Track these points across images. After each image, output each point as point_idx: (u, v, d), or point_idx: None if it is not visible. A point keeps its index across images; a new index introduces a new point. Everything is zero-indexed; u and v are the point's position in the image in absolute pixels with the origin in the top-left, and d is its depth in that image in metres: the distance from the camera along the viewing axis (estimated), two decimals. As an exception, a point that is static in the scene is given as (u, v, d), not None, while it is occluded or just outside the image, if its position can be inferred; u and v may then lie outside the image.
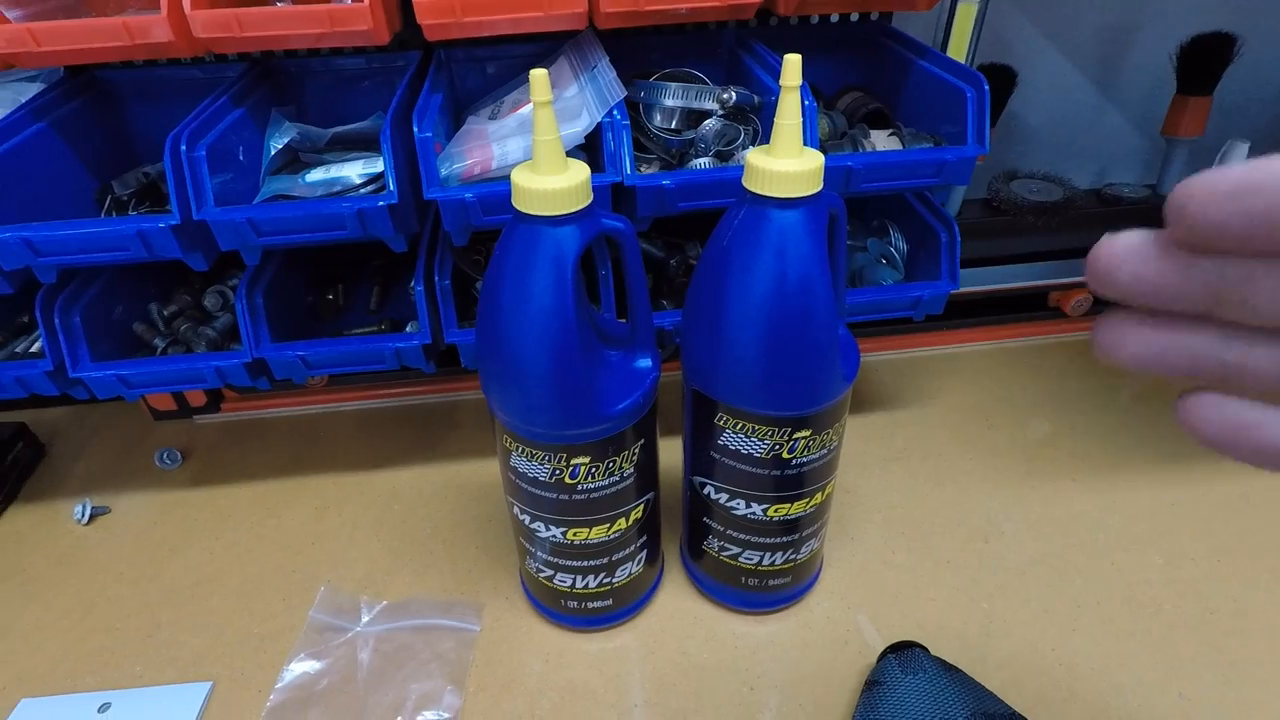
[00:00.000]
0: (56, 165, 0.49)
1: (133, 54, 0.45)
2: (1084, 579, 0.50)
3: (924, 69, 0.52)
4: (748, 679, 0.45)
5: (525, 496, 0.41)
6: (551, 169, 0.33)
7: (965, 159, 0.46)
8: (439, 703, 0.43)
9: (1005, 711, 0.40)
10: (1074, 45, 0.70)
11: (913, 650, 0.43)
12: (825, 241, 0.36)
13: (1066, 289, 0.69)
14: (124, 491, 0.59)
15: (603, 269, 0.48)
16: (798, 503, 0.42)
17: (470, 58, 0.56)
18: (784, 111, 0.34)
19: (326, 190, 0.48)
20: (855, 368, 0.40)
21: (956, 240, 0.52)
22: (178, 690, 0.45)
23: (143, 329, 0.54)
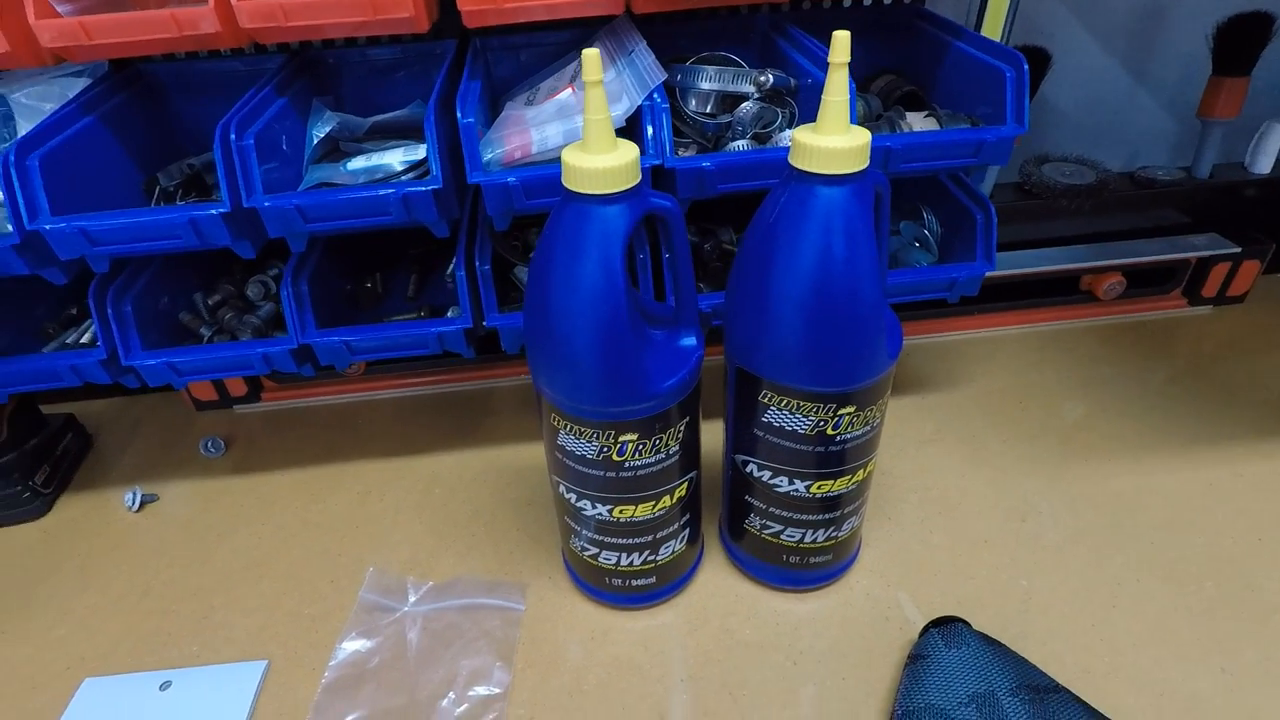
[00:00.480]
0: (105, 157, 0.50)
1: (180, 46, 0.46)
2: (1123, 557, 0.50)
3: (960, 50, 0.52)
4: (791, 654, 0.45)
5: (572, 475, 0.42)
6: (602, 148, 0.34)
7: (1005, 139, 0.46)
8: (489, 678, 0.44)
9: (1049, 683, 0.41)
10: (1106, 27, 0.70)
11: (955, 625, 0.44)
12: (872, 218, 0.36)
13: (1099, 273, 0.69)
14: (171, 479, 0.60)
15: (640, 252, 0.48)
16: (840, 479, 0.43)
17: (504, 45, 0.57)
18: (832, 89, 0.34)
19: (368, 177, 0.49)
20: (899, 345, 0.40)
21: (993, 221, 0.52)
22: (235, 669, 0.46)
23: (189, 318, 0.55)
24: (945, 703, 0.40)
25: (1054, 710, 0.39)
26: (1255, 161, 0.68)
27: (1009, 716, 0.39)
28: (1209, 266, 0.69)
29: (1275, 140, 0.67)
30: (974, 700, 0.40)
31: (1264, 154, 0.68)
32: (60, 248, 0.43)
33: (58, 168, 0.44)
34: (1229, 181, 0.69)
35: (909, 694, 0.41)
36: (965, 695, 0.40)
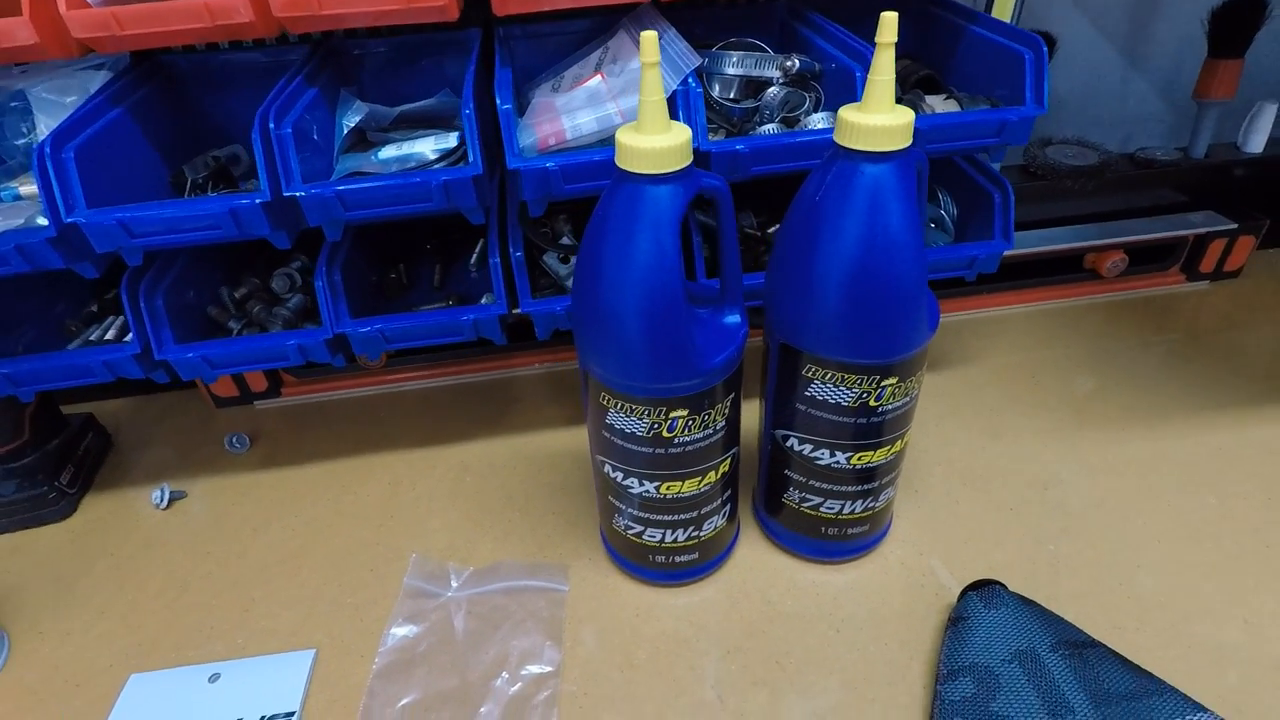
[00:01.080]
0: (133, 150, 0.49)
1: (211, 35, 0.46)
2: (1143, 519, 0.52)
3: (976, 34, 0.53)
4: (833, 623, 0.46)
5: (619, 453, 0.43)
6: (657, 129, 0.35)
7: (1026, 119, 0.48)
8: (540, 657, 0.45)
9: (1086, 639, 0.42)
10: (1102, 12, 0.72)
11: (993, 587, 0.45)
12: (915, 194, 0.37)
13: (1102, 251, 0.71)
14: (198, 476, 0.60)
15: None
16: (880, 450, 0.44)
17: (527, 34, 0.57)
18: (878, 68, 0.35)
19: (401, 166, 0.49)
20: (938, 317, 0.41)
21: (1010, 200, 0.54)
22: (284, 658, 0.46)
23: (216, 312, 0.55)
24: (990, 660, 0.41)
25: (1094, 664, 0.41)
26: (1248, 141, 0.71)
27: (1052, 671, 0.41)
28: (1206, 243, 0.71)
29: (1267, 120, 0.69)
30: (1017, 657, 0.41)
31: (1257, 133, 0.70)
32: (98, 240, 0.43)
33: (91, 160, 0.44)
34: (1224, 161, 0.71)
35: (953, 654, 0.42)
36: (1008, 653, 0.42)
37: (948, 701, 0.40)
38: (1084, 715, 0.39)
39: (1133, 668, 0.41)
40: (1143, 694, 0.40)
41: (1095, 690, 0.40)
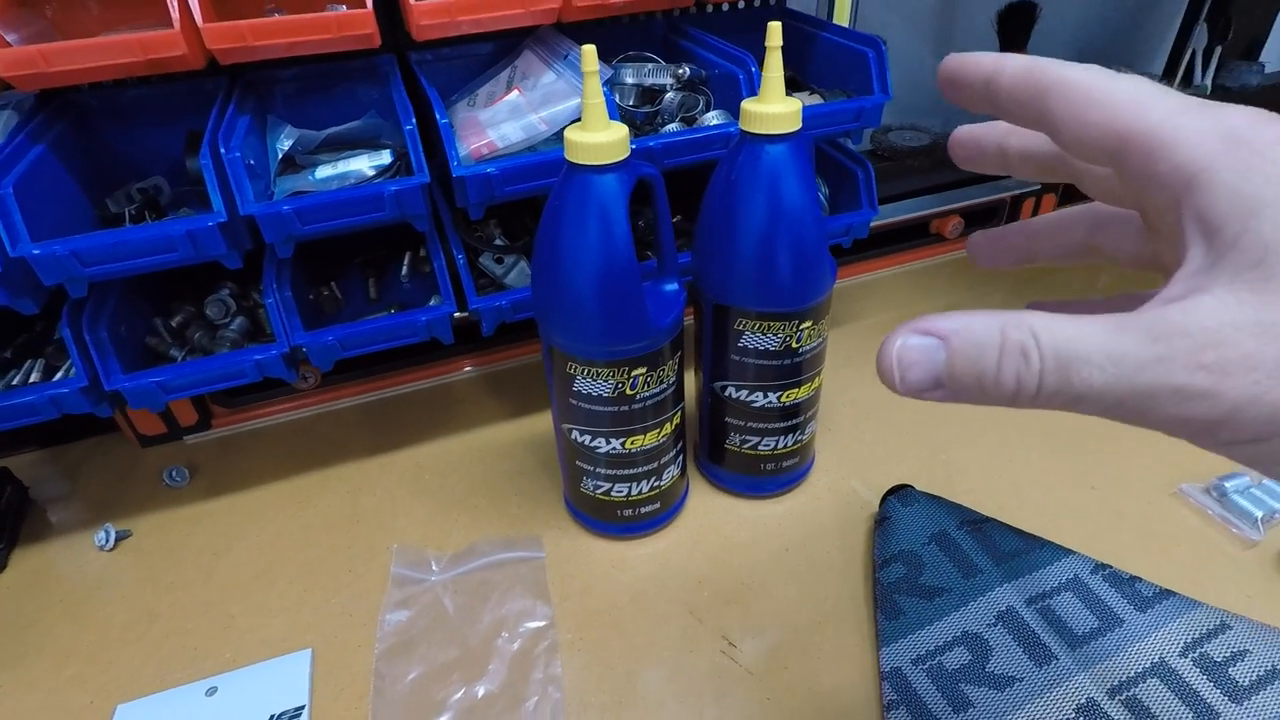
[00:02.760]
0: (59, 186, 0.49)
1: (139, 70, 0.47)
2: (1009, 425, 0.63)
3: (827, 39, 0.63)
4: (783, 543, 0.54)
5: (585, 416, 0.48)
6: (599, 127, 0.41)
7: (877, 104, 0.58)
8: (534, 614, 0.49)
9: (981, 517, 0.52)
10: (915, 17, 0.86)
11: (906, 489, 0.54)
12: (811, 167, 0.46)
13: (942, 217, 0.84)
14: (139, 514, 0.59)
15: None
16: (803, 387, 0.52)
17: (438, 58, 0.61)
18: (770, 66, 0.43)
19: (341, 183, 0.52)
20: (835, 267, 0.50)
21: (872, 176, 0.64)
22: (281, 661, 0.47)
23: (155, 341, 0.55)
24: (913, 545, 0.50)
25: (990, 534, 0.51)
26: (1039, 118, 0.86)
27: (961, 544, 0.50)
28: (1020, 203, 0.86)
29: (1050, 100, 0.85)
30: (933, 539, 0.50)
31: (1044, 111, 0.86)
32: (46, 273, 0.43)
33: (27, 195, 0.44)
34: (1023, 135, 0.86)
35: (884, 546, 0.51)
36: (926, 537, 0.51)
37: (886, 584, 0.49)
38: (989, 572, 0.48)
39: (1019, 532, 0.51)
40: (1028, 550, 0.50)
41: (994, 552, 0.49)
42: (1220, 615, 0.45)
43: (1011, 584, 0.47)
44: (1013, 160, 0.28)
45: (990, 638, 0.45)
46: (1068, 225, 0.28)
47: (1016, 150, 0.27)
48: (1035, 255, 0.30)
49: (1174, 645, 0.44)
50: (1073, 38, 0.97)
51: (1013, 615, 0.46)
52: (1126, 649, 0.44)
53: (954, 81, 0.24)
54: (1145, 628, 0.45)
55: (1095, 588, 0.47)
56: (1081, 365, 0.18)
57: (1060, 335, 0.18)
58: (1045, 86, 0.21)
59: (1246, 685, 0.41)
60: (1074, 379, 0.18)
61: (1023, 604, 0.46)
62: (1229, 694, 0.41)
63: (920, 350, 0.20)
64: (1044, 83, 0.21)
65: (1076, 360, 0.18)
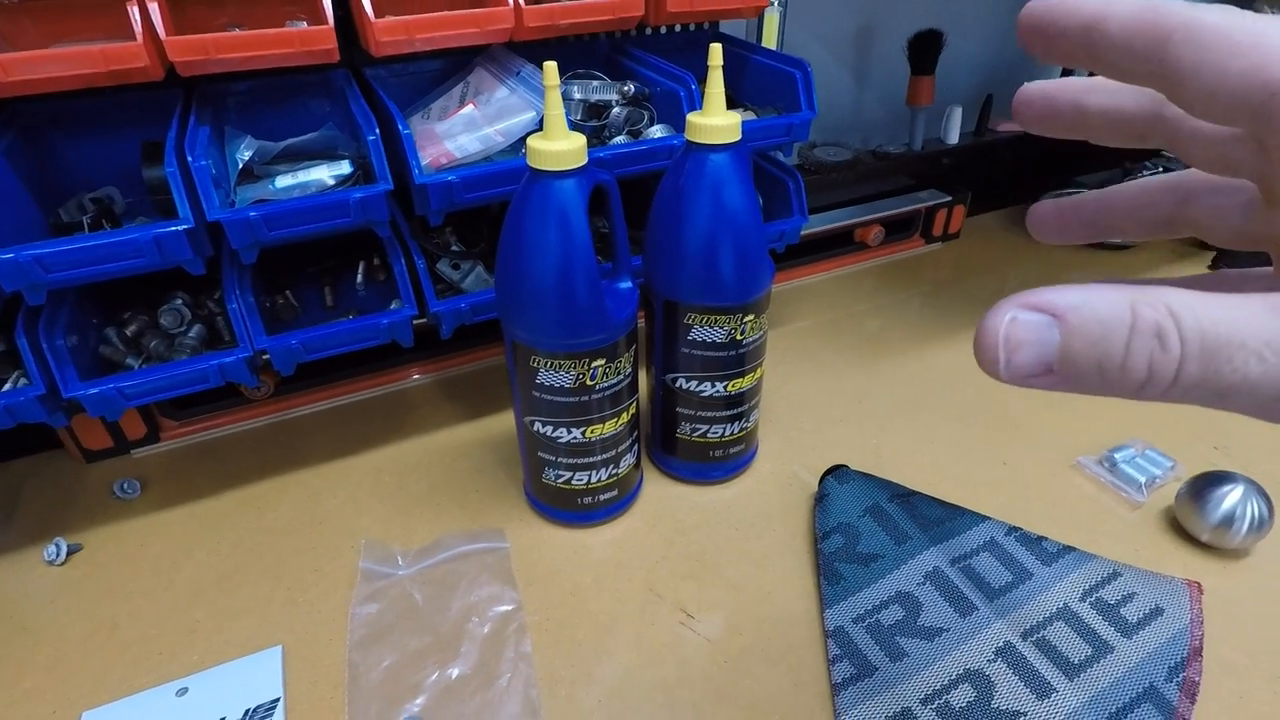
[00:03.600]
0: (9, 196, 0.49)
1: (102, 80, 0.48)
2: (929, 411, 0.69)
3: (758, 61, 0.69)
4: (732, 523, 0.58)
5: (547, 407, 0.51)
6: (559, 136, 0.44)
7: (806, 120, 0.63)
8: (502, 599, 0.51)
9: (909, 491, 0.57)
10: (835, 44, 0.93)
11: (842, 469, 0.59)
12: (750, 173, 0.50)
13: (865, 226, 0.91)
14: (89, 529, 0.58)
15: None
16: (746, 377, 0.56)
17: (392, 73, 0.64)
18: (712, 82, 0.48)
19: (302, 192, 0.54)
20: (774, 266, 0.55)
21: (801, 185, 0.70)
22: (252, 659, 0.48)
23: (109, 350, 0.55)
24: (849, 518, 0.55)
25: (917, 505, 0.56)
26: (947, 135, 0.95)
27: (892, 515, 0.55)
28: (934, 214, 0.94)
29: (957, 119, 0.94)
30: (867, 511, 0.55)
31: (951, 129, 0.94)
32: (7, 279, 0.44)
33: (-14, 204, 0.44)
34: (935, 151, 0.95)
35: (823, 521, 0.55)
36: (861, 510, 0.55)
37: (827, 554, 0.53)
38: (918, 538, 0.53)
39: (941, 503, 0.56)
40: (950, 517, 0.55)
41: (921, 521, 0.55)
42: (1112, 565, 0.51)
43: (937, 547, 0.53)
44: (1093, 120, 0.23)
45: (920, 595, 0.50)
46: (1153, 196, 0.25)
47: (1098, 108, 0.23)
48: (1112, 229, 0.26)
49: (1075, 592, 0.50)
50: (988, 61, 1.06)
51: (939, 574, 0.51)
52: (1036, 598, 0.49)
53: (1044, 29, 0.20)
54: (1051, 579, 0.50)
55: (1009, 547, 0.53)
56: (1235, 351, 0.15)
57: (1207, 316, 0.15)
58: (1167, 32, 0.17)
59: (1134, 622, 0.48)
60: (1223, 368, 0.15)
61: (947, 564, 0.52)
62: (1121, 630, 0.47)
63: (1031, 328, 0.17)
64: (1166, 28, 0.17)
65: (1229, 346, 0.15)
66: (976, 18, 1.03)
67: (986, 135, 0.98)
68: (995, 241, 0.99)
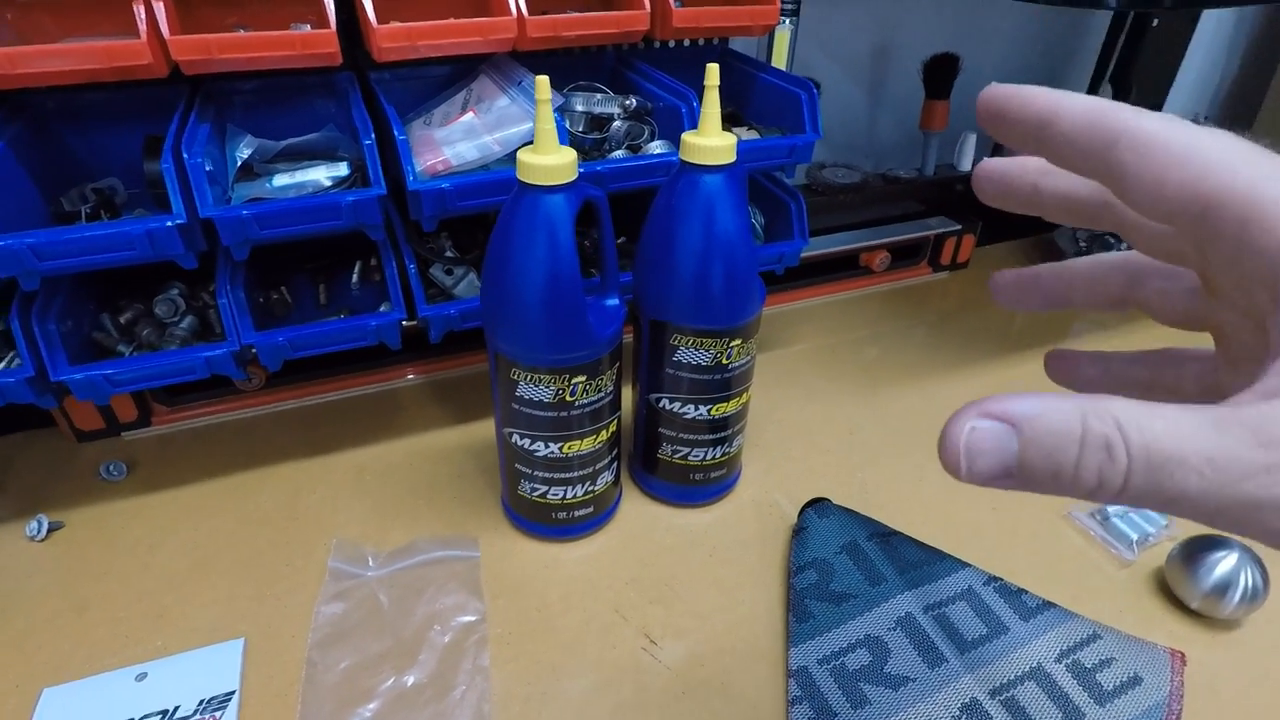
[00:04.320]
0: (11, 184, 0.50)
1: (106, 76, 0.49)
2: (921, 448, 0.68)
3: (765, 80, 0.68)
4: (706, 549, 0.57)
5: (526, 420, 0.51)
6: (549, 150, 0.44)
7: (808, 142, 0.63)
8: (466, 609, 0.51)
9: (889, 530, 0.56)
10: (851, 64, 0.92)
11: (822, 502, 0.58)
12: (744, 196, 0.50)
13: (871, 251, 0.90)
14: (73, 507, 0.59)
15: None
16: (731, 401, 0.56)
17: (396, 77, 0.64)
18: (708, 103, 0.47)
19: (297, 192, 0.54)
20: (764, 291, 0.54)
21: (803, 208, 0.69)
22: (213, 650, 0.48)
23: (101, 336, 0.55)
24: (825, 554, 0.54)
25: (896, 546, 0.55)
26: (960, 161, 0.93)
27: (869, 554, 0.54)
28: (942, 241, 0.93)
29: (971, 145, 0.92)
30: (844, 549, 0.54)
31: (965, 155, 0.93)
32: (3, 265, 0.44)
33: (-16, 190, 0.45)
34: (947, 177, 0.93)
35: (799, 554, 0.55)
36: (838, 546, 0.55)
37: (799, 589, 0.52)
38: (893, 580, 0.52)
39: (922, 545, 0.55)
40: (929, 561, 0.54)
41: (898, 563, 0.54)
42: (1093, 626, 0.50)
43: (912, 592, 0.52)
44: (1046, 202, 0.25)
45: (890, 641, 0.49)
46: (1106, 274, 0.26)
47: (1051, 192, 0.25)
48: (1067, 301, 0.28)
49: (1050, 652, 0.48)
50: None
51: (911, 621, 0.50)
52: (1009, 654, 0.48)
53: (999, 116, 0.21)
54: (1027, 635, 0.49)
55: (986, 598, 0.52)
56: (1175, 468, 0.16)
57: (1150, 430, 0.16)
58: (1114, 136, 0.18)
59: (1110, 690, 0.46)
60: (1165, 482, 0.16)
61: (920, 611, 0.51)
62: (1095, 697, 0.46)
63: (990, 437, 0.18)
64: (1113, 132, 0.19)
65: (1170, 462, 0.16)
66: (998, 41, 1.01)
67: (1003, 165, 0.96)
68: (1007, 274, 0.97)
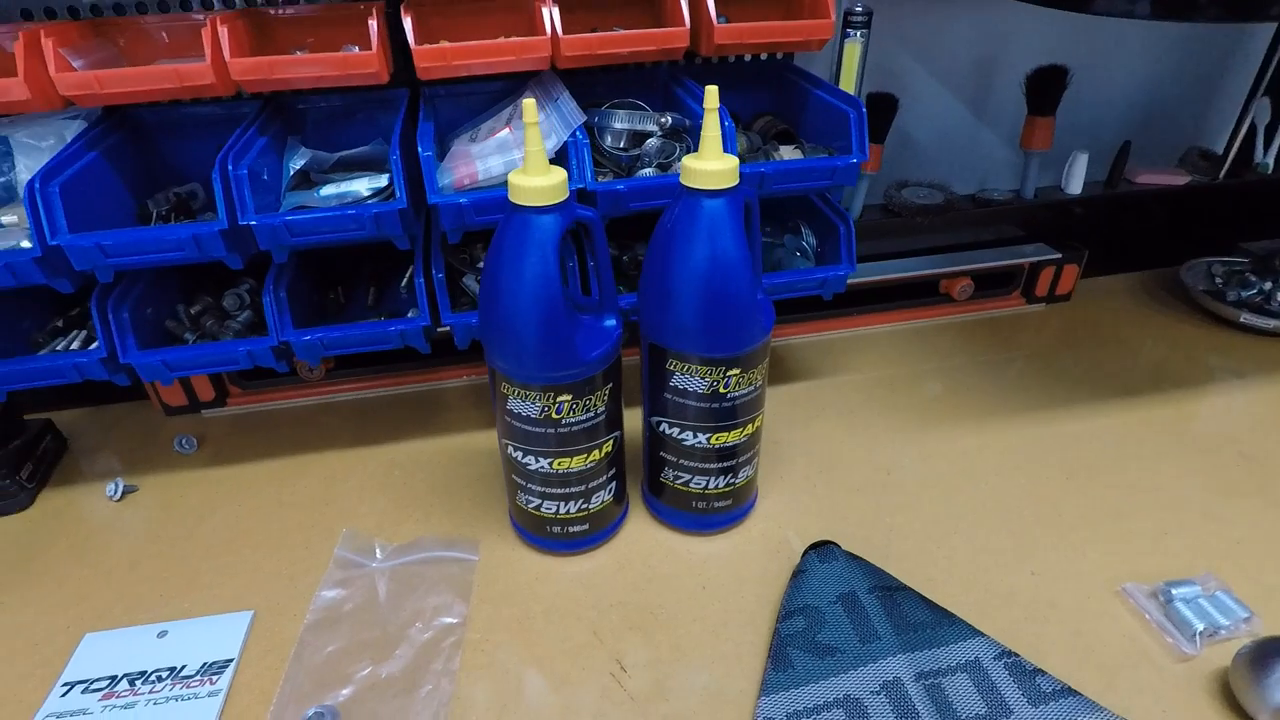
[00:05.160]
0: (105, 187, 0.57)
1: (177, 94, 0.55)
2: (964, 496, 0.62)
3: (818, 96, 0.65)
4: (700, 581, 0.55)
5: (519, 434, 0.51)
6: (538, 172, 0.45)
7: (851, 165, 0.59)
8: (450, 611, 0.53)
9: (897, 584, 0.52)
10: (949, 74, 0.86)
11: (828, 546, 0.55)
12: (743, 223, 0.48)
13: (952, 277, 0.83)
14: (148, 473, 0.67)
15: (570, 260, 0.59)
16: (734, 431, 0.54)
17: (449, 93, 0.67)
18: (707, 125, 0.46)
19: (339, 201, 0.58)
20: (771, 321, 0.52)
21: (852, 232, 0.65)
22: (225, 619, 0.53)
23: (173, 325, 0.62)
24: (819, 601, 0.51)
25: (900, 603, 0.51)
26: (1068, 184, 0.84)
27: (866, 609, 0.50)
28: (1039, 270, 0.84)
29: (1081, 167, 0.83)
30: (840, 599, 0.51)
31: (1074, 178, 0.84)
32: (77, 260, 0.51)
33: (71, 194, 0.52)
34: (1051, 200, 0.84)
35: (791, 598, 0.52)
36: (834, 595, 0.51)
37: (784, 635, 0.50)
38: (888, 640, 0.48)
39: (931, 605, 0.51)
40: (935, 624, 0.49)
41: (899, 622, 0.49)
42: (1119, 724, 0.44)
43: (907, 655, 0.47)
44: None
45: (870, 706, 0.45)
46: None
47: None
48: None
49: (1057, 746, 0.43)
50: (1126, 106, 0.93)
51: (898, 687, 0.46)
52: (1006, 741, 0.43)
53: None
54: (1033, 723, 0.44)
55: (993, 674, 0.47)
56: None
57: None
58: None
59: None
60: None
61: (911, 678, 0.46)
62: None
63: None
64: None
65: None
66: (1121, 53, 0.90)
67: (1121, 187, 0.86)
68: (1115, 309, 0.87)
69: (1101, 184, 0.86)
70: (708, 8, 0.59)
